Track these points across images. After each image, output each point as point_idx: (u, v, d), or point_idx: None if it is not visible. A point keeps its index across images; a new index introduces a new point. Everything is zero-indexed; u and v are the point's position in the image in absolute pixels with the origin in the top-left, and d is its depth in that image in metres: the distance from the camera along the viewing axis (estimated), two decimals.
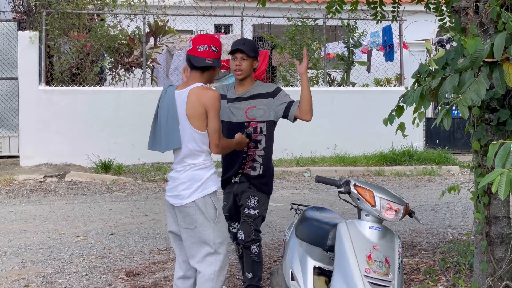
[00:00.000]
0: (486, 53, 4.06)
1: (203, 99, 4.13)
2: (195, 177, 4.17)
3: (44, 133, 13.34)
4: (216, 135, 4.16)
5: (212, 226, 4.17)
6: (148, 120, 14.88)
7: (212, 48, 4.25)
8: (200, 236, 4.18)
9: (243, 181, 4.99)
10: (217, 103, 4.17)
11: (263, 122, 4.96)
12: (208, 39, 4.33)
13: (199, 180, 4.17)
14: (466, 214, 9.06)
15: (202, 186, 4.17)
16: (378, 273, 3.75)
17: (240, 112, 4.94)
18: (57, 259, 6.81)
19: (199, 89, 4.18)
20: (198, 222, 4.16)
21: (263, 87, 5.08)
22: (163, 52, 15.30)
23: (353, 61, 16.13)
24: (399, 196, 4.04)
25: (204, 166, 4.21)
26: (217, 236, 4.20)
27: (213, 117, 4.14)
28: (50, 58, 14.07)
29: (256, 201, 4.94)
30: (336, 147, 14.40)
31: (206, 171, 4.20)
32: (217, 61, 4.29)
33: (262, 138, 4.97)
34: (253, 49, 5.00)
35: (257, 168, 4.98)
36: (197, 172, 4.18)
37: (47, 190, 11.35)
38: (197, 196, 4.15)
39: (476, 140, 4.97)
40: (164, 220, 8.68)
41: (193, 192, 4.16)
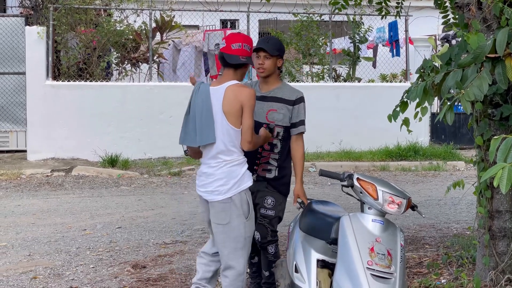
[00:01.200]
0: (488, 48, 4.10)
1: (240, 97, 4.23)
2: (231, 173, 4.28)
3: (51, 127, 13.43)
4: (249, 132, 4.26)
5: (244, 221, 4.31)
6: (154, 115, 15.02)
7: (245, 46, 4.37)
8: (232, 231, 4.29)
9: (260, 180, 4.94)
10: (252, 101, 4.28)
11: (281, 126, 4.94)
12: (241, 37, 4.42)
13: (235, 177, 4.28)
14: (471, 209, 9.10)
15: (238, 183, 4.29)
16: (380, 265, 3.79)
17: (261, 112, 4.90)
18: (64, 251, 6.89)
19: (236, 86, 4.28)
20: (232, 218, 4.27)
21: (288, 91, 5.02)
22: (169, 47, 15.37)
23: (359, 56, 16.15)
24: (401, 190, 4.09)
25: (239, 162, 4.32)
26: (248, 231, 4.35)
27: (248, 114, 4.25)
28: (57, 53, 14.15)
29: (273, 202, 4.93)
30: (341, 142, 14.44)
31: (241, 167, 4.32)
32: (250, 59, 4.43)
33: (278, 142, 4.96)
34: (276, 48, 4.97)
35: (272, 170, 4.96)
36: (233, 168, 4.29)
37: (54, 184, 11.44)
38: (234, 192, 4.27)
39: (479, 135, 5.01)
40: (170, 214, 8.81)
41: (230, 188, 4.27)
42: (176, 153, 13.84)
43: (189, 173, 12.55)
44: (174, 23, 15.14)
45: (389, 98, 13.78)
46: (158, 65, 15.29)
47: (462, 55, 4.90)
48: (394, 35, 16.06)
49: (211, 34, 15.56)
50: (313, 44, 15.92)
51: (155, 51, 14.60)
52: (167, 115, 13.96)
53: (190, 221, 8.39)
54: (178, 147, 15.35)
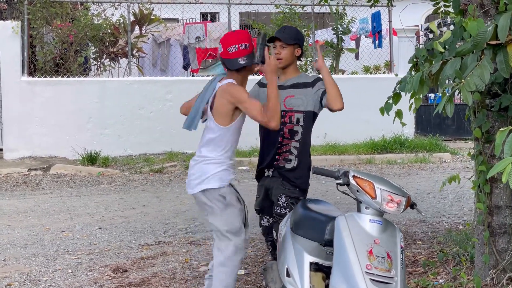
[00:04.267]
0: (489, 35, 3.84)
1: (228, 97, 4.21)
2: (204, 170, 4.29)
3: (27, 125, 13.06)
4: (260, 117, 4.14)
5: (219, 215, 4.30)
6: (134, 110, 14.70)
7: (242, 45, 4.27)
8: (210, 223, 4.37)
9: (275, 176, 4.81)
10: (241, 94, 4.18)
11: (300, 112, 4.78)
12: (234, 37, 4.32)
13: (206, 174, 4.28)
14: (460, 202, 8.90)
15: (206, 180, 4.27)
16: (380, 269, 3.53)
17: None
18: (41, 255, 6.56)
19: (225, 86, 4.25)
20: (207, 211, 4.34)
21: (306, 77, 4.90)
22: (148, 41, 15.04)
23: (342, 48, 15.91)
24: (400, 187, 3.82)
25: (215, 161, 4.30)
26: (224, 224, 4.30)
27: (246, 107, 4.17)
28: (33, 48, 13.76)
29: (287, 200, 4.75)
30: (326, 135, 14.20)
31: (215, 167, 4.28)
32: (250, 57, 4.29)
33: (299, 129, 4.78)
34: (293, 37, 4.83)
35: (291, 160, 4.78)
36: (206, 166, 4.30)
37: (31, 183, 11.08)
38: (202, 187, 4.27)
39: (477, 127, 4.76)
40: (152, 214, 8.51)
41: (199, 184, 4.29)
42: (157, 149, 13.54)
43: (171, 170, 12.24)
44: (153, 16, 14.82)
45: (373, 90, 13.68)
46: (137, 60, 14.94)
47: (457, 43, 4.66)
48: (377, 26, 15.85)
49: (191, 27, 15.23)
50: None
51: (134, 45, 14.26)
52: (147, 110, 13.65)
53: (173, 220, 8.09)
54: (160, 143, 15.08)
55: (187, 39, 15.06)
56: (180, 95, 13.67)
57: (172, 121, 13.55)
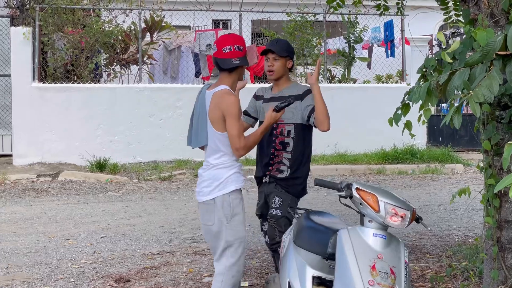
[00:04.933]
0: (499, 45, 3.73)
1: (221, 105, 4.22)
2: (216, 176, 4.29)
3: (37, 131, 13.04)
4: (235, 140, 4.21)
5: (225, 224, 4.26)
6: (144, 118, 14.71)
7: (237, 47, 4.33)
8: (215, 233, 4.30)
9: (271, 182, 4.98)
10: (233, 108, 4.20)
11: (290, 124, 4.92)
12: (231, 39, 4.38)
13: (218, 179, 4.27)
14: (472, 214, 8.75)
15: (221, 185, 4.26)
16: (383, 285, 3.42)
17: None
18: (44, 264, 6.50)
19: (220, 93, 4.26)
20: (215, 219, 4.28)
21: (297, 88, 5.01)
22: (159, 48, 15.00)
23: (354, 57, 15.81)
24: (405, 201, 3.71)
25: (224, 166, 4.30)
26: (229, 234, 4.26)
27: (230, 123, 4.21)
28: (44, 54, 13.76)
29: (280, 202, 4.89)
30: (336, 145, 14.09)
31: (226, 171, 4.29)
32: (243, 59, 4.36)
33: (290, 141, 4.93)
34: (285, 49, 4.99)
35: (284, 171, 4.93)
36: (218, 171, 4.30)
37: (39, 190, 11.04)
38: (216, 194, 4.26)
39: (486, 139, 4.64)
40: (158, 222, 8.43)
41: (212, 190, 4.27)
42: (167, 157, 13.48)
43: (180, 178, 12.17)
44: (164, 23, 14.77)
45: (385, 100, 13.55)
46: (148, 67, 14.91)
47: (467, 54, 4.56)
48: (389, 35, 15.73)
49: (202, 34, 15.18)
50: (307, 44, 15.57)
51: (145, 52, 14.22)
52: (157, 117, 13.60)
53: (179, 229, 8.00)
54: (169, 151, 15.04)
55: (198, 46, 15.01)
56: (190, 103, 13.51)
57: (182, 128, 13.45)
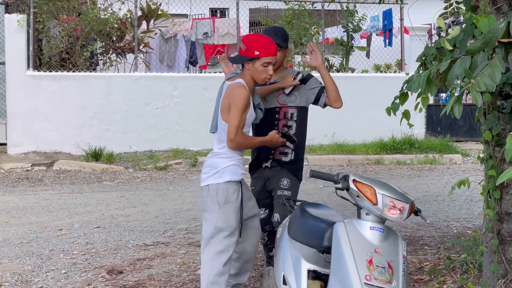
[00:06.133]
0: (501, 32, 3.61)
1: (230, 95, 4.32)
2: (214, 164, 4.39)
3: (32, 120, 12.91)
4: (233, 130, 4.27)
5: (217, 209, 4.30)
6: (140, 106, 14.54)
7: (241, 45, 4.43)
8: (207, 219, 4.35)
9: (274, 166, 4.96)
10: (239, 100, 4.27)
11: (294, 107, 4.97)
12: (244, 38, 4.52)
13: (216, 167, 4.36)
14: (470, 205, 8.65)
15: (217, 174, 4.33)
16: (380, 280, 3.31)
17: (271, 98, 4.97)
18: (36, 255, 6.38)
19: (233, 85, 4.35)
20: (208, 205, 4.35)
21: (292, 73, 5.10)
22: (156, 37, 14.84)
23: (352, 46, 15.68)
24: (403, 193, 3.60)
25: (224, 156, 4.38)
26: (221, 221, 4.29)
27: (233, 113, 4.27)
28: (39, 42, 13.61)
29: (289, 183, 4.91)
30: (334, 135, 13.98)
31: (224, 161, 4.36)
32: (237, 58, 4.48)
33: (293, 124, 4.97)
34: (285, 40, 5.03)
35: (288, 154, 4.96)
36: (217, 160, 4.39)
37: (33, 179, 10.92)
38: (211, 181, 4.34)
39: (487, 130, 4.52)
40: (153, 212, 8.32)
41: (209, 177, 4.36)
42: (163, 146, 13.36)
43: (176, 167, 12.06)
44: (160, 11, 14.63)
45: (383, 89, 13.40)
46: (144, 55, 14.76)
47: (468, 41, 4.44)
48: (388, 24, 15.59)
49: (199, 22, 15.02)
50: (305, 33, 15.42)
51: (141, 40, 14.07)
52: (153, 106, 13.47)
53: (174, 220, 7.89)
54: (165, 140, 14.93)
55: (195, 35, 14.85)
56: (187, 92, 13.51)
57: (178, 117, 13.39)
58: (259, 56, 4.31)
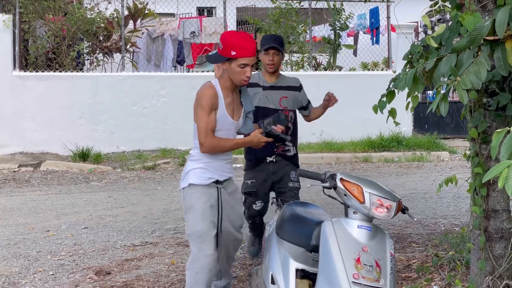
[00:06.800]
0: (486, 30, 3.62)
1: (196, 96, 4.21)
2: (185, 166, 4.33)
3: (19, 120, 12.84)
4: (201, 133, 4.12)
5: (185, 215, 4.29)
6: (127, 106, 14.46)
7: (219, 43, 4.22)
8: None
9: (279, 160, 5.48)
10: (203, 101, 4.13)
11: (292, 111, 5.61)
12: (222, 36, 4.26)
13: (185, 170, 4.29)
14: (458, 202, 8.68)
15: (185, 178, 4.26)
16: (368, 278, 3.31)
17: (275, 100, 5.50)
18: (23, 256, 6.34)
19: (203, 85, 4.25)
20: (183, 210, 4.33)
21: (291, 79, 5.74)
22: (143, 36, 14.79)
23: (340, 44, 15.69)
24: (390, 191, 3.60)
25: (194, 158, 4.28)
26: (188, 226, 4.24)
27: (197, 114, 4.14)
28: (25, 42, 13.54)
29: (297, 176, 5.32)
30: (322, 133, 13.98)
31: (192, 163, 4.27)
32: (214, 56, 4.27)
33: (291, 126, 5.55)
34: (282, 44, 5.59)
35: (290, 149, 5.54)
36: (188, 163, 4.31)
37: (20, 180, 10.86)
38: (182, 185, 4.28)
39: (473, 127, 4.53)
40: (141, 212, 8.30)
41: (181, 181, 4.32)
42: (150, 146, 13.32)
43: (164, 167, 12.03)
44: (147, 11, 14.59)
45: (371, 87, 13.43)
46: (131, 55, 14.71)
47: (454, 39, 4.44)
48: (375, 22, 15.61)
49: (186, 22, 14.98)
50: (292, 31, 15.42)
51: (128, 40, 14.03)
52: (141, 106, 13.43)
53: (162, 220, 7.87)
54: (153, 140, 14.82)
55: (182, 34, 14.82)
56: (174, 91, 13.47)
57: (166, 117, 13.36)
58: (235, 56, 4.06)
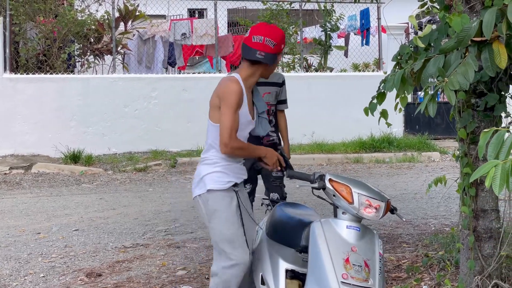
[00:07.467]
0: (474, 31, 3.64)
1: (220, 90, 3.82)
2: (198, 172, 3.96)
3: (10, 123, 12.81)
4: (226, 133, 3.74)
5: (208, 225, 3.95)
6: (118, 108, 14.45)
7: (268, 41, 3.79)
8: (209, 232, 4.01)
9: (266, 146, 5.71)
10: (231, 97, 3.74)
11: (273, 105, 5.91)
12: (266, 29, 3.85)
13: (199, 176, 3.93)
14: (449, 202, 8.72)
15: (201, 183, 3.90)
16: (357, 278, 3.33)
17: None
18: (14, 258, 6.33)
19: (225, 79, 3.87)
20: (204, 219, 4.00)
21: (275, 76, 5.89)
22: (134, 38, 14.78)
23: (330, 45, 15.72)
24: (379, 191, 3.62)
25: (209, 162, 3.91)
26: (213, 234, 3.91)
27: (224, 112, 3.76)
28: (15, 44, 13.51)
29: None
30: (313, 134, 14.01)
31: (208, 167, 3.90)
32: (269, 57, 3.80)
33: (273, 118, 5.88)
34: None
35: (274, 139, 5.86)
36: (202, 167, 3.95)
37: (11, 182, 10.83)
38: (197, 192, 3.93)
39: (462, 127, 4.56)
40: (132, 214, 8.29)
41: (194, 187, 3.96)
42: (142, 147, 13.32)
43: (155, 169, 12.02)
44: (138, 12, 14.57)
45: (362, 88, 13.48)
46: (122, 57, 14.70)
47: (442, 40, 4.47)
48: (365, 23, 15.65)
49: (177, 23, 14.98)
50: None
51: (119, 41, 14.01)
52: (132, 108, 13.41)
53: (153, 221, 7.87)
54: (144, 142, 14.78)
55: (173, 35, 14.82)
56: (166, 93, 13.47)
57: (157, 119, 13.35)
58: (282, 49, 3.92)
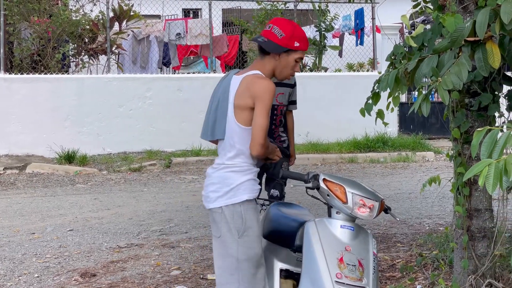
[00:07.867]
0: (467, 31, 3.65)
1: (253, 89, 3.49)
2: (226, 180, 3.55)
3: (4, 123, 12.78)
4: (262, 133, 3.45)
5: (236, 239, 3.51)
6: (113, 108, 14.43)
7: (275, 29, 3.59)
8: (224, 248, 3.55)
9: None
10: (268, 96, 3.47)
11: (284, 106, 6.05)
12: (280, 21, 3.68)
13: (228, 185, 3.53)
14: (443, 202, 8.74)
15: (231, 193, 3.51)
16: (351, 278, 3.34)
17: None
18: (8, 259, 6.33)
19: (252, 77, 3.54)
20: (223, 232, 3.54)
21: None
22: (128, 38, 14.77)
23: (325, 45, 15.74)
24: (373, 191, 3.63)
25: (240, 169, 3.55)
26: (242, 252, 3.50)
27: (260, 112, 3.46)
28: (10, 44, 13.49)
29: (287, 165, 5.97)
30: (308, 134, 14.01)
31: (240, 175, 3.54)
32: (272, 45, 3.56)
33: (283, 119, 6.05)
34: None
35: (285, 140, 6.09)
36: (230, 174, 3.55)
37: (5, 183, 10.81)
38: (224, 202, 3.52)
39: (455, 127, 4.58)
40: (127, 214, 8.28)
41: (220, 196, 3.53)
42: (137, 147, 13.31)
43: (150, 169, 12.02)
44: (133, 12, 14.56)
45: (356, 88, 13.52)
46: (117, 57, 14.68)
47: (436, 40, 4.49)
48: (360, 23, 15.67)
49: (172, 23, 14.98)
50: None
51: (114, 41, 14.01)
52: (127, 108, 13.40)
53: (148, 222, 7.87)
54: (139, 142, 14.77)
55: (168, 35, 14.81)
56: (160, 93, 13.47)
57: (152, 119, 13.34)
58: (298, 48, 3.62)
